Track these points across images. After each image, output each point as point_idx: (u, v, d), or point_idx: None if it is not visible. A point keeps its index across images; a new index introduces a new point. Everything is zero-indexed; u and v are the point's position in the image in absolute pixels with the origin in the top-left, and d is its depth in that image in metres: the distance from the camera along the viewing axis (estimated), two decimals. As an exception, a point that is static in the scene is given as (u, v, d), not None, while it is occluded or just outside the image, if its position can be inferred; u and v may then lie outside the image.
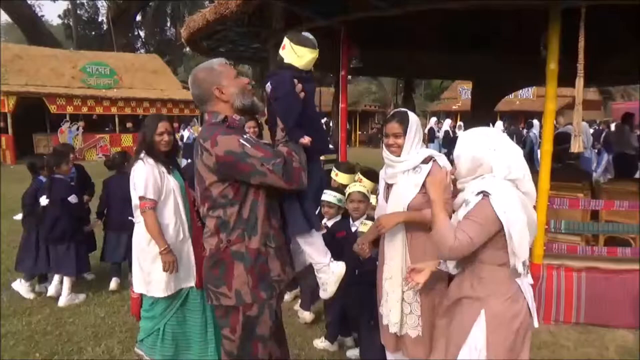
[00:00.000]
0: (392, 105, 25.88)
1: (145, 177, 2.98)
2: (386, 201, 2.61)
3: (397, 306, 2.50)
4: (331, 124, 20.07)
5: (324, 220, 3.56)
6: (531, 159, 12.38)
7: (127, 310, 4.30)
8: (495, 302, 2.01)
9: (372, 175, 3.92)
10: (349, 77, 9.78)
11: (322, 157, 2.83)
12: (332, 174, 4.11)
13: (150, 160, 3.06)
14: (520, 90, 21.94)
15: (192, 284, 3.11)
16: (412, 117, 2.53)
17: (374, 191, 3.67)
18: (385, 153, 2.58)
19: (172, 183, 3.10)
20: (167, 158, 3.18)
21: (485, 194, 1.97)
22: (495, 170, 2.03)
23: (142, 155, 3.08)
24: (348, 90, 6.08)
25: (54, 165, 4.43)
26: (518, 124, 20.10)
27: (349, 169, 4.07)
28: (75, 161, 5.10)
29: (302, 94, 2.12)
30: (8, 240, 6.53)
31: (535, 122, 13.61)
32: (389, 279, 2.55)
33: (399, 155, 2.51)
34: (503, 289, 2.02)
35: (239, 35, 6.88)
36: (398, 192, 2.52)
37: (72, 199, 4.40)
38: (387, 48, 6.93)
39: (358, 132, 28.12)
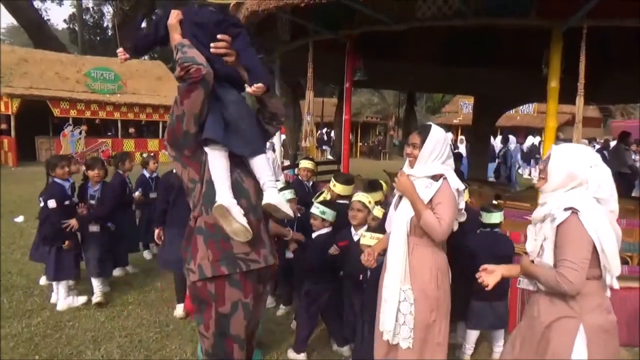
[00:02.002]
0: (393, 118, 26.02)
1: None
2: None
3: (392, 315, 2.53)
4: (333, 135, 20.17)
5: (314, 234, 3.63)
6: (510, 172, 12.55)
7: (126, 315, 4.32)
8: (592, 315, 2.02)
9: (374, 186, 3.99)
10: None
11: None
12: (330, 185, 4.17)
13: None
14: (521, 106, 22.07)
15: None
16: (434, 133, 2.55)
17: (380, 202, 3.73)
18: (405, 162, 2.67)
19: None
20: None
21: (574, 211, 1.99)
22: (589, 187, 2.04)
23: None
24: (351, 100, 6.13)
25: (50, 168, 4.36)
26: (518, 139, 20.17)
27: (347, 181, 4.15)
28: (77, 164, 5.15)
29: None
30: (8, 243, 6.54)
31: (512, 137, 13.82)
32: (388, 286, 2.58)
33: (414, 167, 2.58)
34: (599, 302, 2.05)
35: (244, 45, 6.96)
36: (406, 204, 2.57)
37: (51, 203, 4.19)
38: (390, 61, 7.02)
39: (359, 144, 28.20)
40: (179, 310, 4.29)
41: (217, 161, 2.11)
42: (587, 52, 3.78)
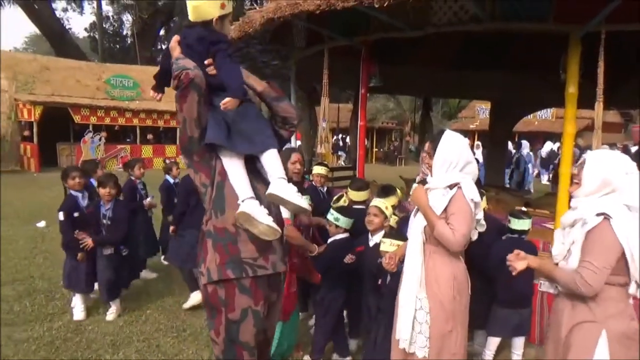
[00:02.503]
0: (409, 123, 25.92)
1: None
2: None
3: (408, 323, 2.51)
4: (348, 141, 20.19)
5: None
6: (523, 178, 12.39)
7: (144, 320, 4.38)
8: (615, 322, 2.02)
9: (387, 191, 3.98)
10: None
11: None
12: (346, 192, 4.21)
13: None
14: (539, 111, 21.80)
15: None
16: (446, 140, 2.54)
17: (394, 207, 3.73)
18: (421, 168, 2.69)
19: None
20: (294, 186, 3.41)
21: (606, 217, 2.00)
22: (622, 194, 2.06)
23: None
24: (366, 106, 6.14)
25: (63, 179, 4.45)
26: (535, 144, 19.94)
27: (360, 187, 4.15)
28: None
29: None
30: (30, 247, 6.68)
31: (525, 142, 13.66)
32: (404, 294, 2.57)
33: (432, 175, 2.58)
34: (622, 308, 2.04)
35: (260, 52, 7.04)
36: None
37: (60, 215, 4.28)
38: (405, 66, 7.02)
39: (375, 149, 28.15)
40: (193, 299, 4.58)
41: (231, 163, 2.13)
42: (605, 56, 3.73)
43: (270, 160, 2.20)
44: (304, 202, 2.16)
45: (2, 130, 17.61)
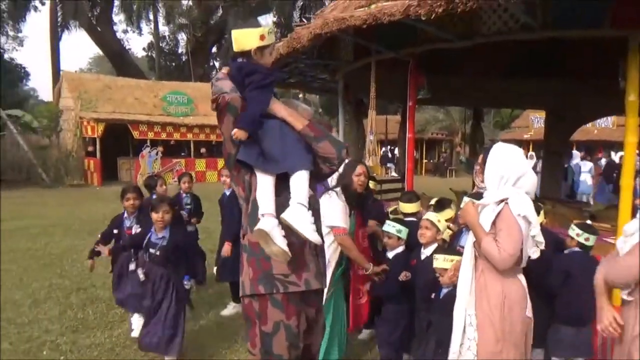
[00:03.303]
0: (459, 134, 25.40)
1: (341, 209, 3.33)
2: None
3: (458, 338, 2.48)
4: (397, 152, 19.99)
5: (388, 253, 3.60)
6: (572, 189, 11.82)
7: (198, 328, 4.51)
8: None
9: (442, 205, 3.92)
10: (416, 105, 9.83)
11: None
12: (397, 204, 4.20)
13: (342, 197, 3.39)
14: (599, 119, 20.76)
15: None
16: (495, 153, 2.49)
17: (452, 220, 3.68)
18: (476, 180, 2.68)
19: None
20: (358, 200, 3.57)
21: None
22: None
23: (337, 189, 3.43)
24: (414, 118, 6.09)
25: (120, 197, 4.42)
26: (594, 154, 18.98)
27: (410, 199, 4.14)
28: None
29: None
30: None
31: (575, 152, 13.06)
32: (456, 309, 2.53)
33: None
34: None
35: (308, 67, 7.16)
36: None
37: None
38: (455, 77, 6.92)
39: (424, 160, 27.74)
40: (229, 308, 4.87)
41: (262, 178, 2.20)
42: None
43: (295, 182, 2.19)
44: (314, 235, 2.12)
45: (68, 146, 18.83)
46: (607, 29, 3.85)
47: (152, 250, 3.68)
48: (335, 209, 3.28)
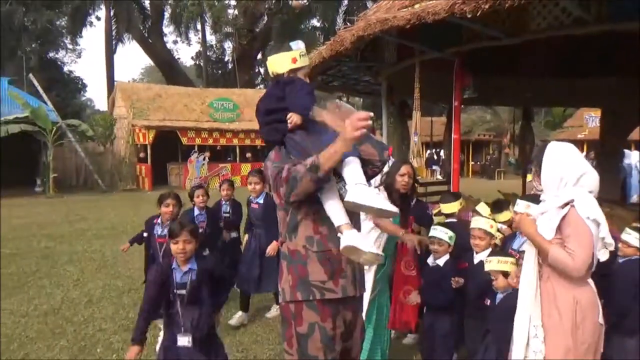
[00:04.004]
0: (508, 134, 24.61)
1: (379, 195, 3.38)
2: None
3: (520, 351, 2.30)
4: (442, 154, 19.63)
5: (430, 259, 3.47)
6: (624, 188, 11.17)
7: (243, 331, 4.58)
8: None
9: (500, 206, 3.77)
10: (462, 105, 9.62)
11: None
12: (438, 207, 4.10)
13: (384, 194, 3.42)
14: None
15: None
16: (550, 153, 2.32)
17: (508, 221, 3.56)
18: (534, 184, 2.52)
19: None
20: (401, 200, 3.53)
21: None
22: None
23: (380, 188, 3.49)
24: (460, 119, 5.95)
25: (158, 202, 4.52)
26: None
27: (449, 199, 3.99)
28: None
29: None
30: (143, 258, 7.27)
31: (627, 152, 12.28)
32: (518, 320, 2.35)
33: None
34: None
35: (351, 69, 7.15)
36: None
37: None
38: (503, 76, 6.72)
39: (471, 162, 27.07)
40: (235, 318, 4.73)
41: (324, 192, 2.14)
42: None
43: (348, 169, 2.11)
44: (388, 204, 2.07)
45: (122, 153, 19.73)
46: (669, 21, 3.62)
47: (180, 292, 2.88)
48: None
